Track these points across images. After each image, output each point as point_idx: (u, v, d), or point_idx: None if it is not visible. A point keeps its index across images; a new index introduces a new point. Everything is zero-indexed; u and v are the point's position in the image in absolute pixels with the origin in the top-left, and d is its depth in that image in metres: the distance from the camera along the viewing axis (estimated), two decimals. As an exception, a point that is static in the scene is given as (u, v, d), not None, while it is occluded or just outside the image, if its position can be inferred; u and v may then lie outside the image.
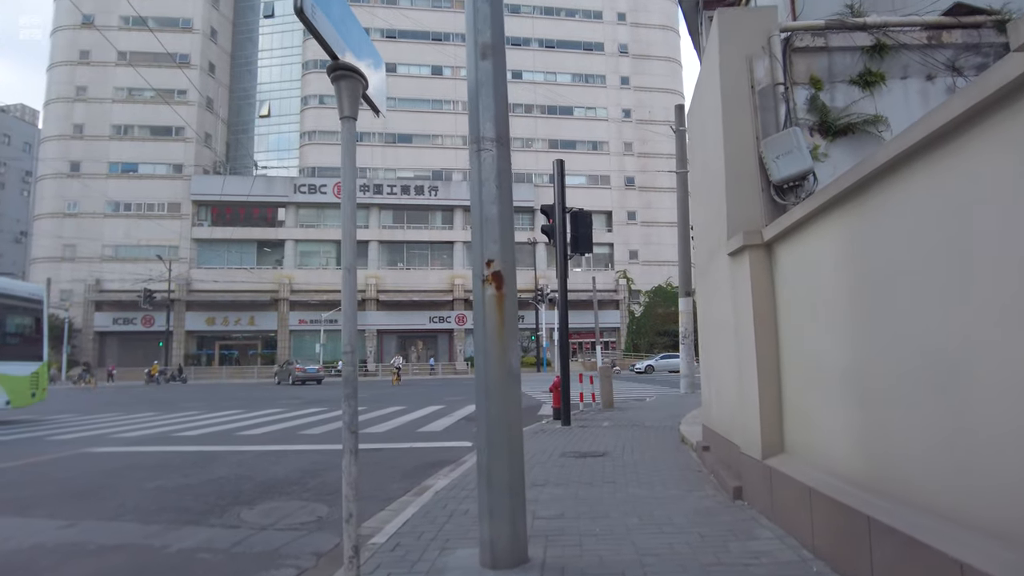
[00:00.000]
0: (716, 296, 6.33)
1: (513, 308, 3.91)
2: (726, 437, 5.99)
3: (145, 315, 55.61)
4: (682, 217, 20.30)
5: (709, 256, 6.66)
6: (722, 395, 6.25)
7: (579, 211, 11.61)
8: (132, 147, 59.84)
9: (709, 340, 7.01)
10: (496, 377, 3.81)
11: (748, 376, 4.88)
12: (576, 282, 59.99)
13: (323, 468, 8.18)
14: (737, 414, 5.39)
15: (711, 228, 6.44)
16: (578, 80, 66.74)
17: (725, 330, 5.87)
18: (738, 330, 5.15)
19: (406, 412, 16.32)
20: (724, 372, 6.07)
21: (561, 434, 10.15)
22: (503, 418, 3.82)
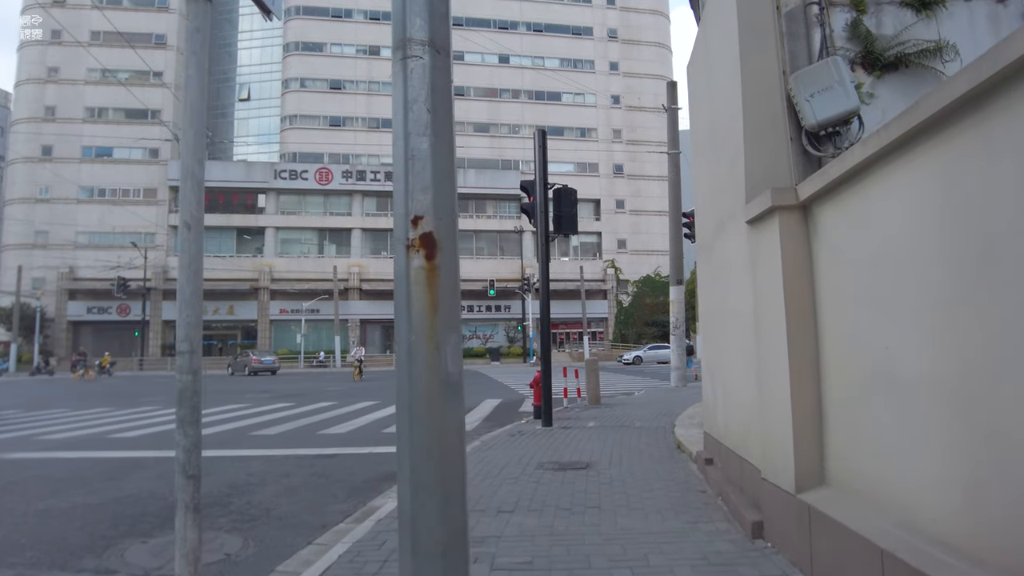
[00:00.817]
0: (725, 278, 5.16)
1: (452, 287, 2.68)
2: (737, 452, 4.83)
3: (120, 304, 54.00)
4: (673, 201, 19.16)
5: (715, 230, 5.49)
6: (731, 399, 5.09)
7: (563, 188, 10.42)
8: (106, 130, 57.95)
9: (714, 331, 5.84)
10: (425, 388, 2.57)
11: (774, 378, 3.72)
12: (563, 272, 58.89)
13: (258, 481, 6.97)
14: (754, 425, 4.23)
15: (719, 196, 5.26)
16: (566, 65, 65.32)
17: (737, 319, 4.70)
18: (759, 318, 3.99)
19: (375, 409, 15.12)
20: (735, 371, 4.91)
21: (541, 437, 8.99)
22: (435, 449, 2.59)
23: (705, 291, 6.42)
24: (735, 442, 4.95)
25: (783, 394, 3.54)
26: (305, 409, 15.36)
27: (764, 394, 3.93)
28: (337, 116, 60.92)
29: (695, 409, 11.17)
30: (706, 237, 6.10)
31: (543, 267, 10.23)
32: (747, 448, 4.53)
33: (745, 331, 4.46)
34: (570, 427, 9.96)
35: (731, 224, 4.75)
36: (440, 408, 2.54)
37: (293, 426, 11.96)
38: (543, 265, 10.23)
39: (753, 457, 4.33)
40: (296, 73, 61.30)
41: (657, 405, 13.51)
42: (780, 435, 3.62)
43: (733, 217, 4.65)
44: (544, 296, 10.27)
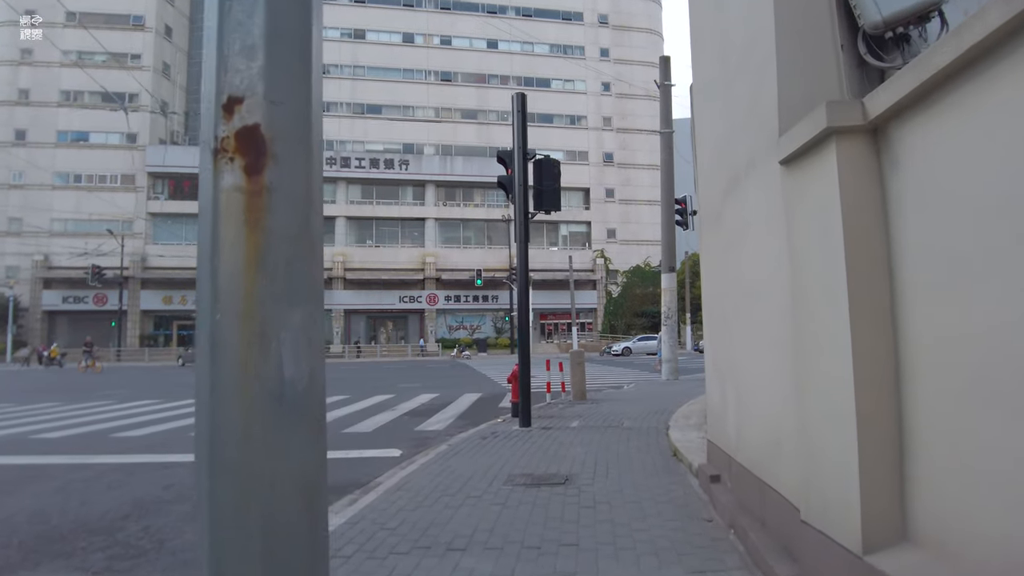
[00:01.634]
0: (740, 248, 4.02)
1: (300, 229, 1.46)
2: (756, 473, 3.70)
3: (97, 293, 52.54)
4: (666, 184, 18.05)
5: (727, 191, 4.35)
6: (749, 405, 3.96)
7: (545, 159, 9.25)
8: (82, 115, 56.25)
9: (723, 319, 4.70)
10: (238, 411, 1.35)
11: (825, 380, 2.60)
12: (552, 261, 57.89)
13: (173, 497, 5.81)
14: (787, 443, 3.10)
15: (732, 145, 4.13)
16: (556, 51, 63.98)
17: (759, 300, 3.58)
18: (799, 296, 2.85)
19: (344, 404, 13.95)
20: (755, 368, 3.79)
21: (516, 441, 7.84)
22: (255, 530, 1.36)
23: (711, 270, 5.29)
24: (753, 459, 3.82)
25: (841, 404, 2.41)
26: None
27: (807, 402, 2.80)
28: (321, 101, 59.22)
29: (691, 407, 10.08)
30: (713, 203, 4.95)
31: (521, 248, 9.08)
32: (773, 471, 3.40)
33: (771, 316, 3.33)
34: (551, 427, 8.83)
35: (752, 175, 3.61)
36: (267, 447, 1.36)
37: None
38: (521, 246, 9.07)
39: (784, 485, 3.20)
40: (279, 57, 59.59)
41: (648, 401, 12.41)
42: (835, 464, 2.50)
43: (755, 164, 3.51)
44: (522, 281, 9.12)
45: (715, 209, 4.84)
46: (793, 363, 2.95)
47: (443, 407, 12.90)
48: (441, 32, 61.33)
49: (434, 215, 58.07)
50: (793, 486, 3.03)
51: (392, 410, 12.62)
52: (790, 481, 3.08)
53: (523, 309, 9.15)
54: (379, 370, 29.68)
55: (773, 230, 3.23)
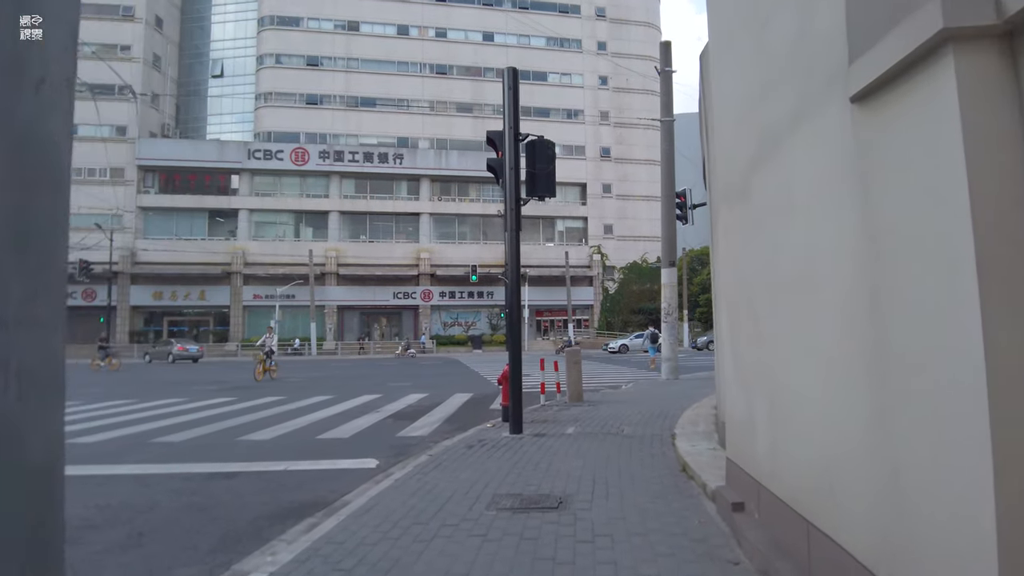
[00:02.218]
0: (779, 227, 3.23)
1: None
2: (802, 514, 2.92)
3: (86, 289, 51.50)
4: (666, 175, 17.28)
5: (758, 157, 3.55)
6: (789, 424, 3.18)
7: (538, 140, 8.44)
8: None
9: (754, 314, 3.90)
10: None
11: (934, 405, 1.81)
12: (548, 257, 57.17)
13: (104, 520, 5.01)
14: (851, 482, 2.32)
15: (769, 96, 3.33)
16: (553, 44, 63.12)
17: (810, 293, 2.79)
18: (887, 287, 2.07)
19: (327, 405, 13.16)
20: (801, 379, 3.00)
21: (504, 451, 7.06)
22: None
23: (732, 257, 4.49)
24: (794, 492, 3.04)
25: (965, 443, 1.63)
26: (245, 405, 13.38)
27: (897, 435, 2.02)
28: (314, 94, 58.49)
29: (696, 411, 9.30)
30: (735, 178, 4.16)
31: (512, 239, 8.28)
32: (827, 513, 2.62)
33: (829, 312, 2.55)
34: (544, 434, 8.05)
35: (798, 131, 2.83)
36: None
37: (212, 429, 9.97)
38: (512, 235, 8.27)
39: (845, 535, 2.42)
40: (271, 49, 58.74)
41: (648, 402, 11.64)
42: (952, 531, 1.71)
43: (803, 116, 2.73)
44: (513, 274, 8.33)
45: (739, 185, 4.04)
46: (869, 377, 2.17)
47: (431, 409, 12.12)
48: (436, 24, 60.42)
49: (429, 210, 57.23)
50: (864, 542, 2.25)
51: (376, 412, 11.83)
52: (858, 534, 2.30)
53: (514, 304, 8.36)
54: (371, 367, 28.90)
55: (833, 199, 2.46)
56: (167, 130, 59.56)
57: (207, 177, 55.15)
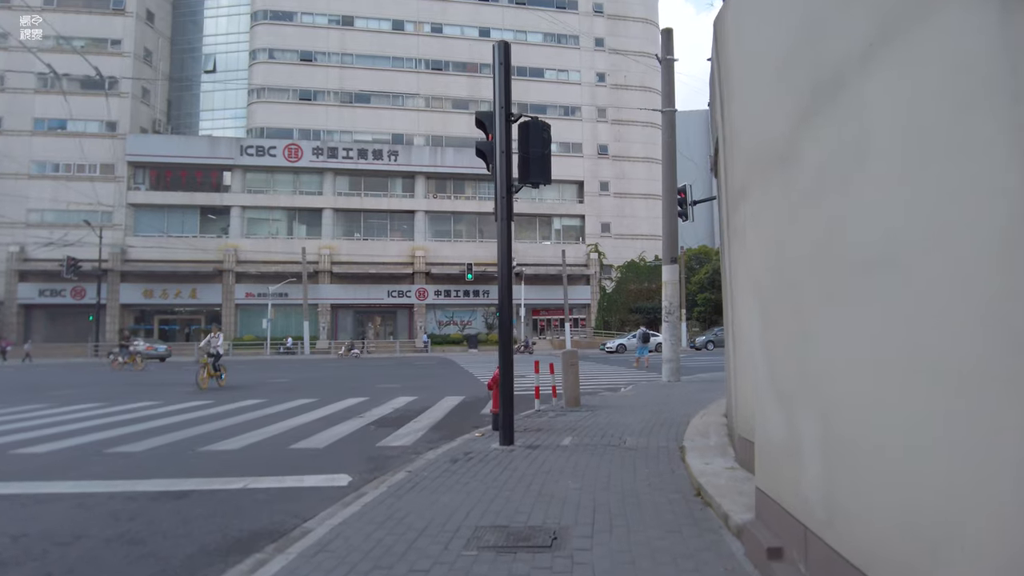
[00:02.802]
0: (842, 193, 2.46)
1: None
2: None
3: (75, 287, 50.71)
4: (668, 167, 16.52)
5: (810, 108, 2.78)
6: (860, 457, 2.41)
7: (532, 121, 7.65)
8: (60, 102, 54.17)
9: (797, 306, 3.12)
10: None
11: None
12: (544, 256, 56.48)
13: (12, 557, 4.23)
14: (973, 547, 1.56)
15: (825, 30, 2.57)
16: (550, 40, 62.33)
17: (897, 274, 2.03)
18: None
19: (309, 409, 12.37)
20: (881, 397, 2.24)
21: (492, 466, 6.29)
22: None
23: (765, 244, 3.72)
24: (866, 549, 2.28)
25: None
26: (222, 409, 12.58)
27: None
28: (308, 89, 57.63)
29: (704, 419, 8.54)
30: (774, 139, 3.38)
31: (503, 228, 7.50)
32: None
33: (931, 297, 1.80)
34: (538, 445, 7.29)
35: (876, 63, 2.07)
36: None
37: (179, 436, 9.18)
38: (503, 225, 7.50)
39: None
40: (264, 43, 57.86)
41: (651, 408, 10.88)
42: None
43: (882, 42, 1.96)
44: (504, 269, 7.55)
45: (779, 146, 3.28)
46: (1014, 392, 1.40)
47: (418, 414, 11.35)
48: (432, 19, 59.56)
49: (424, 208, 56.46)
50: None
51: (360, 417, 11.05)
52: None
53: (505, 301, 7.58)
54: (362, 368, 28.09)
55: (952, 142, 1.69)
56: (158, 126, 58.65)
57: (199, 173, 54.32)
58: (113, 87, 54.92)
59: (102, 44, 54.80)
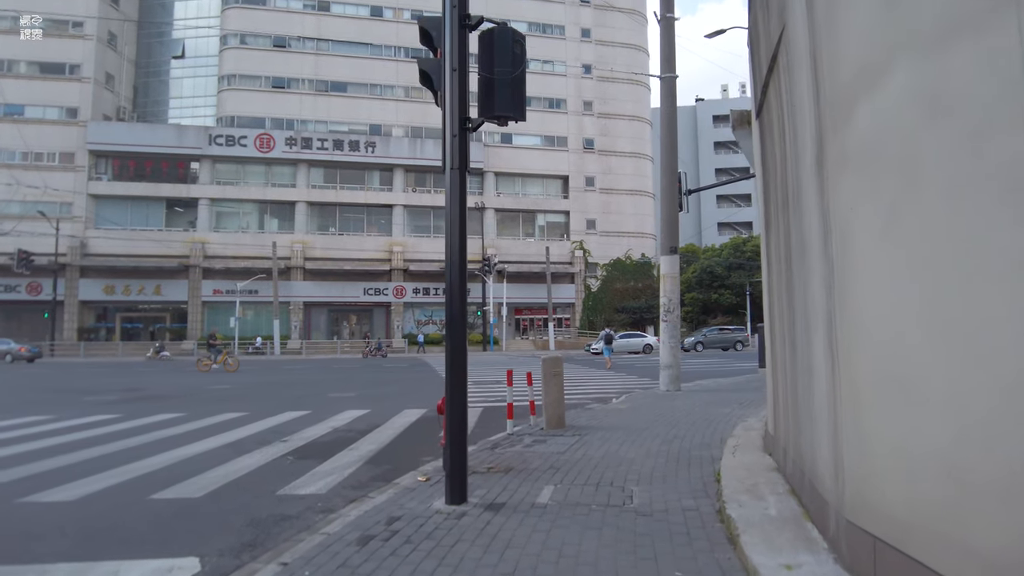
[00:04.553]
0: None
1: None
2: None
3: (31, 282, 47.79)
4: (668, 144, 14.25)
5: None
6: None
7: (498, 27, 5.28)
8: (16, 86, 51.16)
9: None
10: None
11: None
12: (528, 253, 54.32)
13: None
14: None
15: None
16: (535, 30, 60.00)
17: None
18: None
19: (228, 428, 9.94)
20: None
21: (422, 555, 3.91)
22: None
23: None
24: None
25: None
26: (116, 429, 10.09)
27: None
28: (281, 77, 54.93)
29: (740, 456, 6.16)
30: None
31: (454, 186, 5.13)
32: None
33: None
34: (501, 505, 4.92)
35: None
36: None
37: (14, 475, 6.72)
38: (454, 181, 5.13)
39: None
40: (236, 28, 55.07)
41: (656, 430, 8.52)
42: None
43: None
44: (455, 242, 5.17)
45: None
46: None
47: (360, 437, 8.94)
48: (412, 6, 56.96)
49: (402, 201, 54.02)
50: None
51: (283, 442, 8.62)
52: None
53: (456, 291, 5.21)
54: (327, 372, 25.59)
55: None
56: (123, 113, 55.67)
57: (164, 164, 51.55)
58: (74, 72, 52.07)
59: (62, 26, 51.85)
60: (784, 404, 4.83)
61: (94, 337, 50.21)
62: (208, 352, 27.42)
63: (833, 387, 3.22)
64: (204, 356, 27.23)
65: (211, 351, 26.96)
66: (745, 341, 45.94)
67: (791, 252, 4.32)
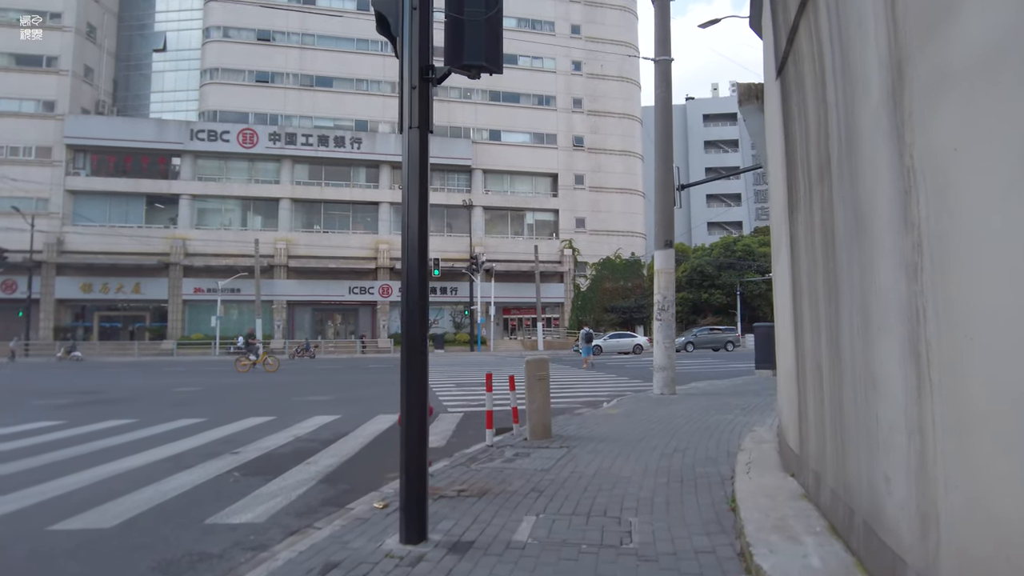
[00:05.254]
0: None
1: None
2: None
3: (5, 280, 46.42)
4: (662, 128, 13.37)
5: None
6: None
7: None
8: (-10, 78, 49.82)
9: None
10: None
11: None
12: (516, 252, 53.43)
13: None
14: None
15: None
16: (524, 26, 59.08)
17: None
18: None
19: (181, 436, 8.96)
20: None
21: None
22: None
23: None
24: None
25: None
26: (57, 437, 9.09)
27: None
28: (265, 71, 53.75)
29: (757, 478, 5.22)
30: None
31: (412, 147, 4.21)
32: None
33: None
34: (468, 545, 3.97)
35: None
36: None
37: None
38: (412, 143, 4.21)
39: None
40: (219, 21, 53.84)
41: (653, 441, 7.60)
42: None
43: None
44: (415, 219, 4.26)
45: None
46: None
47: (321, 449, 7.97)
48: (396, -2, 55.80)
49: (389, 199, 52.94)
50: None
51: (233, 454, 7.64)
52: None
53: (414, 281, 4.29)
54: (305, 372, 24.57)
55: None
56: (102, 107, 54.33)
57: (144, 159, 50.26)
58: (52, 64, 50.72)
59: (40, 17, 50.44)
60: (818, 419, 3.92)
61: (71, 336, 48.83)
62: (246, 351, 26.17)
63: (919, 405, 2.30)
64: (242, 355, 26.07)
65: (249, 350, 25.74)
66: (736, 341, 45.20)
67: (836, 232, 3.41)
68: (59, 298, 48.01)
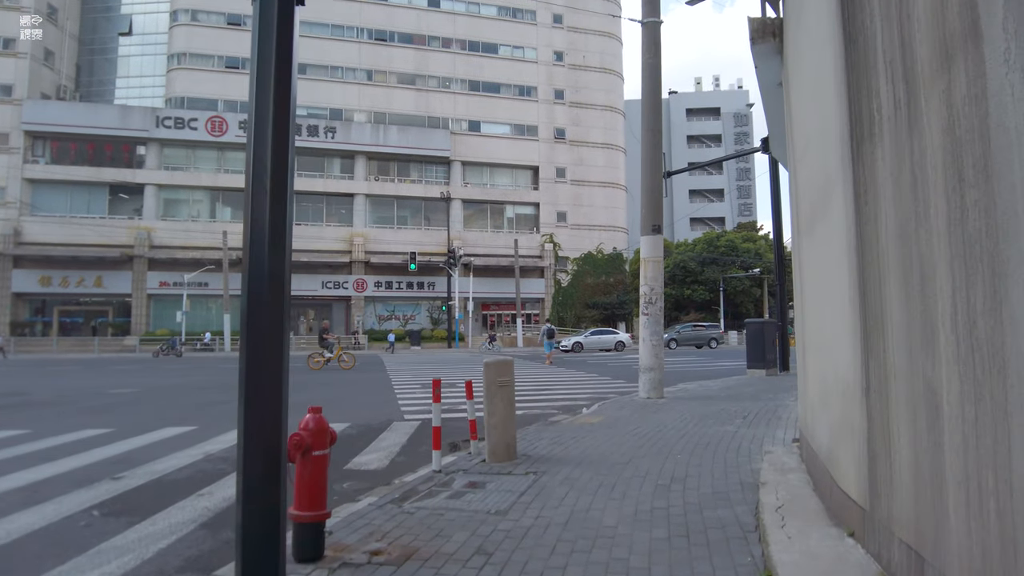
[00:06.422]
0: None
1: None
2: None
3: (-41, 272, 44.16)
4: (649, 101, 11.87)
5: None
6: None
7: None
8: (-58, 61, 47.42)
9: None
10: None
11: None
12: (496, 246, 51.93)
13: None
14: None
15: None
16: (505, 14, 57.55)
17: None
18: None
19: (64, 455, 7.31)
20: None
21: None
22: None
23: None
24: None
25: None
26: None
27: None
28: (235, 57, 51.72)
29: (791, 521, 3.73)
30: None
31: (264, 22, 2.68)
32: None
33: None
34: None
35: None
36: None
37: None
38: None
39: None
40: (187, 3, 51.77)
41: (644, 465, 6.09)
42: None
43: None
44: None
45: None
46: None
47: (230, 471, 6.40)
48: (374, -16, 54.15)
49: (364, 191, 51.18)
50: None
51: (115, 479, 6.04)
52: None
53: (264, 234, 2.77)
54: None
55: None
56: (64, 92, 52.03)
57: (108, 147, 48.09)
58: (9, 46, 48.37)
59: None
60: (915, 465, 2.41)
61: (28, 332, 46.63)
62: (320, 347, 24.35)
63: None
64: (316, 352, 24.38)
65: (323, 346, 23.94)
66: (720, 338, 44.09)
67: (990, 160, 1.89)
68: (16, 292, 45.76)
